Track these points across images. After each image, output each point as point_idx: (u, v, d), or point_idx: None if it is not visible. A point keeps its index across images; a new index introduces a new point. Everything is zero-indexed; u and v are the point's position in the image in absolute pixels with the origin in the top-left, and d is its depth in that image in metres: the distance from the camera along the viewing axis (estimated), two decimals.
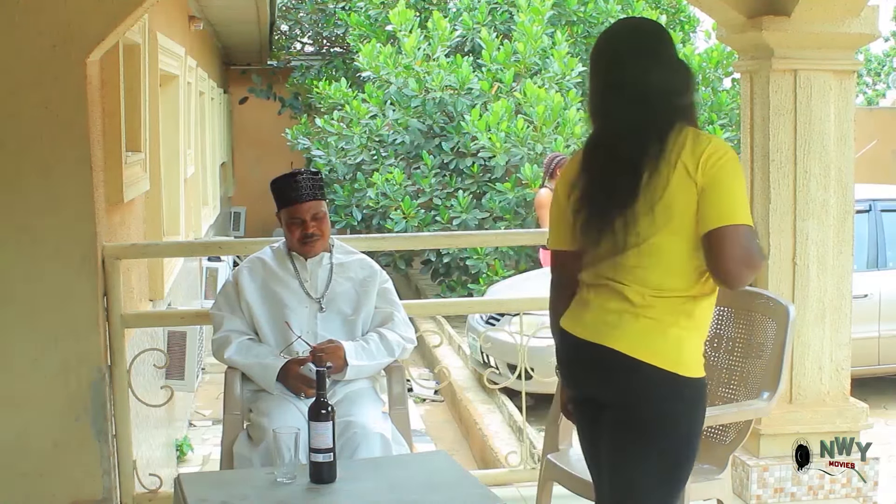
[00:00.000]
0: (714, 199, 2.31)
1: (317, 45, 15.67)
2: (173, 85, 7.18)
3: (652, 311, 2.38)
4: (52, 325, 3.42)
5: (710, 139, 2.37)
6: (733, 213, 2.30)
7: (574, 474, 3.07)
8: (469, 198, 9.69)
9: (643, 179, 2.34)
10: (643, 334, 2.38)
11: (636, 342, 2.37)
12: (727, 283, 2.34)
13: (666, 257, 2.37)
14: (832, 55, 3.92)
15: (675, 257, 2.37)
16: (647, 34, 2.49)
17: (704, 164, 2.32)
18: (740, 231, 2.30)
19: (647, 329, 2.38)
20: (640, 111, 2.39)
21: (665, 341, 2.37)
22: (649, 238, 2.36)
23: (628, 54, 2.44)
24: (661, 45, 2.46)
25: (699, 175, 2.32)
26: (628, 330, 2.39)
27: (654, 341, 2.37)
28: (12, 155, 3.35)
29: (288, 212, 3.51)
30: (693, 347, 2.41)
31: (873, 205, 7.31)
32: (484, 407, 7.01)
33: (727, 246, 2.30)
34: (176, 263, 6.54)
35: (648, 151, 2.35)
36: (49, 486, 3.45)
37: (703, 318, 2.44)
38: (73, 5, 3.31)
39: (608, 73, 2.46)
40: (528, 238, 7.19)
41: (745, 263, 2.31)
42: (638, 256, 2.38)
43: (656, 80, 2.40)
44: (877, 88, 20.95)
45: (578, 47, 11.24)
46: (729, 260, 2.30)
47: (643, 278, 2.38)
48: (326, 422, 2.63)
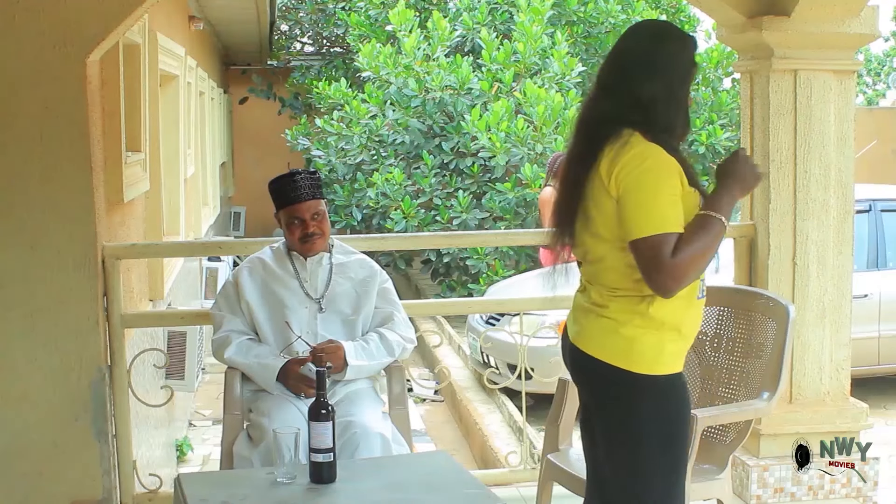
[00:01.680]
0: (624, 211, 2.34)
1: (317, 45, 15.67)
2: (173, 85, 7.18)
3: (608, 310, 2.45)
4: (52, 324, 3.42)
5: (632, 147, 2.36)
6: (642, 225, 2.31)
7: (574, 474, 3.07)
8: (469, 198, 9.68)
9: (579, 185, 2.43)
10: (599, 333, 2.46)
11: (594, 341, 2.46)
12: (655, 292, 2.35)
13: (605, 261, 2.44)
14: (832, 55, 3.92)
15: (613, 261, 2.43)
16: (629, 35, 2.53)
17: (617, 176, 2.34)
18: (647, 243, 2.30)
19: (603, 328, 2.45)
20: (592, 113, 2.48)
21: (617, 339, 2.43)
22: (591, 243, 2.45)
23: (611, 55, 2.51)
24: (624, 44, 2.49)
25: (612, 186, 2.36)
26: (589, 329, 2.48)
27: (608, 339, 2.44)
28: (12, 155, 3.35)
29: (287, 212, 3.51)
30: (649, 345, 2.41)
31: (873, 205, 7.31)
32: (484, 407, 7.01)
33: (639, 259, 2.33)
34: (176, 263, 6.54)
35: (585, 158, 2.42)
36: (49, 486, 3.45)
37: (664, 317, 2.42)
38: (73, 5, 3.31)
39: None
40: (528, 238, 7.18)
41: (660, 272, 2.30)
42: (592, 261, 2.48)
43: (610, 80, 2.46)
44: (877, 88, 20.96)
45: (578, 47, 11.24)
46: (644, 272, 2.33)
47: (600, 279, 2.47)
48: (326, 422, 2.63)
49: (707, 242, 2.34)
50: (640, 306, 2.41)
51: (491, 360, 6.93)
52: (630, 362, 2.41)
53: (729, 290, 3.60)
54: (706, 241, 2.34)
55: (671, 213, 2.33)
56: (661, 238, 2.30)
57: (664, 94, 2.41)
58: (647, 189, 2.33)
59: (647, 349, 2.41)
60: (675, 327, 2.44)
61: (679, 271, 2.31)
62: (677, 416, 2.47)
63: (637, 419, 2.43)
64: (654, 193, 2.33)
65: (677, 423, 2.47)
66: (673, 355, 2.46)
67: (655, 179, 2.34)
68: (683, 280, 2.33)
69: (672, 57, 2.45)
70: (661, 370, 2.43)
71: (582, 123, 2.50)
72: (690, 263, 2.32)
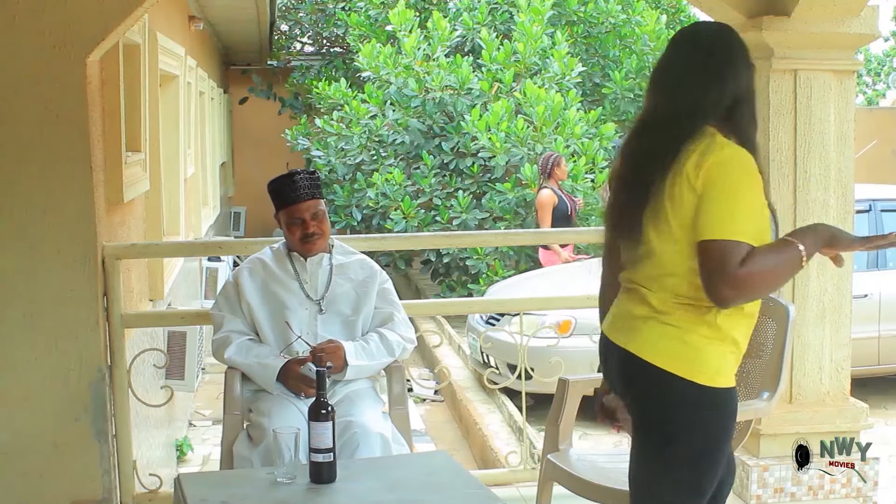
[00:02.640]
0: (702, 208, 2.25)
1: (317, 45, 15.67)
2: (173, 85, 7.18)
3: (672, 317, 2.34)
4: (52, 325, 3.42)
5: (723, 147, 2.30)
6: (715, 227, 2.23)
7: (574, 474, 3.07)
8: (469, 198, 9.68)
9: (654, 185, 2.31)
10: (662, 340, 2.35)
11: (654, 347, 2.35)
12: (711, 300, 2.26)
13: (679, 266, 2.33)
14: (832, 55, 3.92)
15: (679, 266, 2.33)
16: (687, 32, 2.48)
17: (706, 172, 2.26)
18: (716, 246, 2.22)
19: (665, 335, 2.35)
20: (665, 111, 2.38)
21: (683, 347, 2.33)
22: (663, 246, 2.34)
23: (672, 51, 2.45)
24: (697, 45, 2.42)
25: (698, 182, 2.26)
26: (648, 335, 2.37)
27: (672, 347, 2.34)
28: (12, 155, 3.35)
29: (287, 212, 3.51)
30: (715, 356, 2.34)
31: (873, 205, 7.31)
32: (484, 407, 7.01)
33: (703, 261, 2.24)
34: (176, 263, 6.53)
35: (665, 157, 2.32)
36: (49, 486, 3.45)
37: (730, 329, 2.35)
38: (73, 5, 3.31)
39: (657, 62, 2.49)
40: (528, 238, 7.20)
41: (722, 280, 2.21)
42: (657, 264, 2.36)
43: (687, 80, 2.37)
44: (877, 88, 20.96)
45: (578, 47, 11.25)
46: (704, 276, 2.24)
47: (665, 286, 2.36)
48: (326, 422, 2.63)
49: (779, 266, 2.26)
50: (707, 316, 2.32)
51: (491, 360, 6.93)
52: (693, 372, 2.32)
53: None
54: (778, 264, 2.25)
55: (748, 224, 2.25)
56: (732, 245, 2.21)
57: (744, 96, 2.39)
58: (731, 192, 2.25)
59: (712, 360, 2.33)
60: (736, 340, 2.38)
61: (741, 284, 2.21)
62: (726, 431, 2.40)
63: (686, 430, 2.34)
64: (736, 199, 2.24)
65: (723, 438, 2.39)
66: (732, 368, 2.39)
67: (742, 186, 2.26)
68: (742, 294, 2.25)
69: (745, 58, 2.43)
70: (722, 382, 2.35)
71: (655, 121, 2.40)
72: (755, 280, 2.23)
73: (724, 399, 2.37)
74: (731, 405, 2.39)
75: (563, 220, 8.24)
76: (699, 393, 2.33)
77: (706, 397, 2.34)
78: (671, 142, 2.32)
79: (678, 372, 2.32)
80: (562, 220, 8.24)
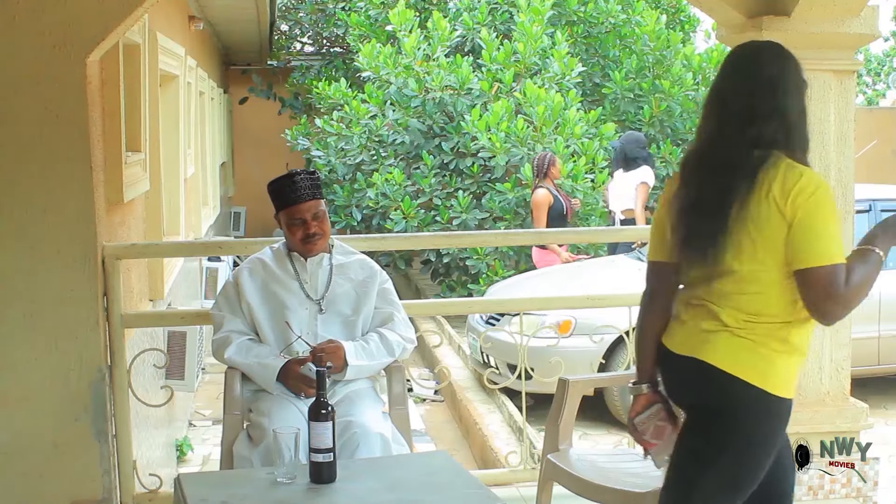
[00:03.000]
0: (801, 237, 2.36)
1: (317, 45, 15.66)
2: (173, 85, 7.18)
3: (743, 331, 2.44)
4: (52, 325, 3.42)
5: (801, 173, 2.39)
6: (819, 254, 2.34)
7: (574, 474, 3.08)
8: (469, 198, 9.68)
9: (733, 210, 2.41)
10: (735, 350, 2.44)
11: (727, 356, 2.44)
12: (819, 320, 2.41)
13: (758, 286, 2.43)
14: (832, 55, 3.92)
15: (768, 286, 2.42)
16: (747, 55, 2.54)
17: (794, 200, 2.36)
18: (823, 272, 2.34)
19: (739, 346, 2.44)
20: (732, 140, 2.45)
21: (755, 357, 2.43)
22: (741, 267, 2.42)
23: (732, 74, 2.51)
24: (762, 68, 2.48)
25: (788, 210, 2.36)
26: (720, 345, 2.45)
27: (745, 357, 2.43)
28: (12, 154, 3.35)
29: (288, 212, 3.51)
30: (784, 367, 2.45)
31: (873, 205, 7.30)
32: (484, 407, 7.00)
33: (813, 287, 2.35)
34: (176, 263, 6.54)
35: (740, 183, 2.41)
36: (49, 486, 3.45)
37: (800, 342, 2.48)
38: (73, 5, 3.31)
39: (714, 85, 2.55)
40: (528, 238, 7.20)
41: (834, 302, 2.35)
42: (731, 283, 2.45)
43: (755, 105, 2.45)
44: (877, 88, 20.96)
45: (578, 47, 11.24)
46: (815, 301, 2.36)
47: (738, 304, 2.45)
48: (326, 422, 2.63)
49: (870, 275, 2.39)
50: (780, 332, 2.44)
51: (491, 360, 6.93)
52: (766, 381, 2.42)
53: None
54: (869, 272, 2.39)
55: (840, 243, 2.38)
56: (836, 269, 2.34)
57: (802, 114, 2.48)
58: (823, 217, 2.37)
59: (782, 371, 2.45)
60: (803, 352, 2.50)
61: (849, 301, 2.37)
62: (778, 438, 2.51)
63: (755, 433, 2.44)
64: (826, 222, 2.37)
65: (775, 444, 2.49)
66: (795, 379, 2.51)
67: (828, 208, 2.39)
68: (849, 310, 2.40)
69: (798, 75, 2.51)
70: (787, 393, 2.46)
71: (723, 150, 2.47)
72: (858, 294, 2.37)
73: (787, 408, 2.48)
74: (788, 415, 2.50)
75: (559, 220, 8.22)
76: (766, 400, 2.42)
77: (773, 405, 2.44)
78: (748, 171, 2.41)
79: (749, 379, 2.41)
80: (557, 219, 8.22)
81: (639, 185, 8.83)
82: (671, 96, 10.77)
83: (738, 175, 2.42)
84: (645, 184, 8.89)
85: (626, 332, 4.15)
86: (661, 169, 10.31)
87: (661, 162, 10.37)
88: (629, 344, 4.07)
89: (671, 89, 10.75)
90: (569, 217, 8.38)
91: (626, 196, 8.90)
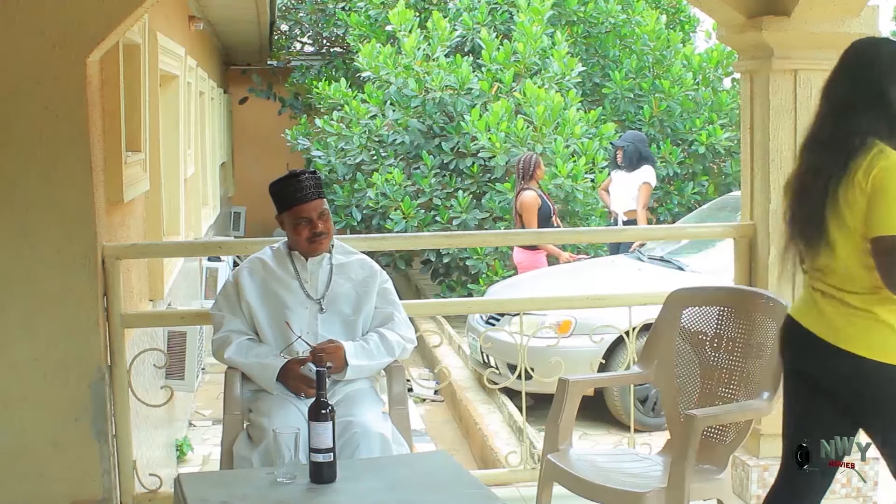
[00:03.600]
0: (872, 207, 2.48)
1: (317, 45, 15.67)
2: (173, 85, 7.19)
3: (871, 312, 2.56)
4: (52, 325, 3.42)
5: (889, 157, 2.51)
6: (887, 224, 2.46)
7: (574, 474, 3.08)
8: (469, 198, 9.69)
9: (828, 196, 2.55)
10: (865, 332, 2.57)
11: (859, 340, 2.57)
12: (891, 289, 2.49)
13: (862, 267, 2.54)
14: (832, 55, 3.89)
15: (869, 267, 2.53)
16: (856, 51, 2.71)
17: (875, 176, 2.48)
18: (890, 241, 2.45)
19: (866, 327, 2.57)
20: (838, 125, 2.60)
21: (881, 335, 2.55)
22: (843, 248, 2.56)
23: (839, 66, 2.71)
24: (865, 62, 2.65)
25: (868, 185, 2.49)
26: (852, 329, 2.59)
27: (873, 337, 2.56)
28: (12, 155, 3.35)
29: (294, 212, 3.50)
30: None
31: None
32: (484, 407, 7.01)
33: (878, 255, 2.48)
34: (176, 263, 6.54)
35: (835, 171, 2.55)
36: (49, 486, 3.45)
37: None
38: (73, 5, 3.31)
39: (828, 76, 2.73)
40: (528, 238, 7.19)
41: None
42: (840, 263, 2.58)
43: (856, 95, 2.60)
44: None
45: (578, 47, 11.25)
46: (886, 267, 2.47)
47: (853, 282, 2.57)
48: (326, 422, 2.63)
49: None
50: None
51: (491, 360, 6.93)
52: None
53: (729, 290, 3.60)
54: None
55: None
56: None
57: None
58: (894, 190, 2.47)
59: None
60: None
61: None
62: None
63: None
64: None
65: None
66: None
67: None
68: None
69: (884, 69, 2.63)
70: None
71: (826, 139, 2.62)
72: None
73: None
74: None
75: (546, 222, 8.02)
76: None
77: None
78: (843, 158, 2.55)
79: (882, 359, 2.57)
80: (545, 221, 7.99)
81: (642, 185, 8.82)
82: (671, 96, 10.78)
83: (835, 164, 2.55)
84: (648, 184, 8.87)
85: (626, 332, 4.15)
86: (661, 169, 10.32)
87: (661, 162, 10.38)
88: (629, 344, 4.07)
89: (671, 89, 10.76)
90: (554, 219, 8.20)
91: (628, 197, 8.88)
